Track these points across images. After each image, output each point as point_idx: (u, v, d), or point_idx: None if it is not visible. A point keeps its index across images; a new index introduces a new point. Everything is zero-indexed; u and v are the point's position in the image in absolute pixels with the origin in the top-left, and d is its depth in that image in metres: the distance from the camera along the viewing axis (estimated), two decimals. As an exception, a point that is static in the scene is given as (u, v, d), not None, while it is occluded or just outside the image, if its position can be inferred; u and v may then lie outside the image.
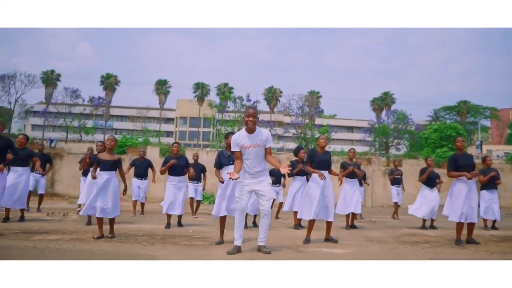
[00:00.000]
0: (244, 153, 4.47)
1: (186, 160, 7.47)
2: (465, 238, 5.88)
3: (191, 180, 8.89)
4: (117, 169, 5.62)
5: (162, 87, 54.18)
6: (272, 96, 51.86)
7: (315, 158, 5.65)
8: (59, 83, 47.94)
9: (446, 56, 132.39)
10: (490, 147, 53.03)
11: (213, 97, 49.44)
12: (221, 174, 5.34)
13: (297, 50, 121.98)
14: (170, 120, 60.94)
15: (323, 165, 5.64)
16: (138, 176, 9.40)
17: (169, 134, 58.77)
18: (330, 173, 5.79)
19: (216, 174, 5.40)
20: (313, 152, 5.76)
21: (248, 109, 4.49)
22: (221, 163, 5.38)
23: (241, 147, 4.46)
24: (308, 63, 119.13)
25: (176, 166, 7.19)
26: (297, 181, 7.77)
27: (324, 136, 5.97)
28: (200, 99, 53.22)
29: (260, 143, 4.47)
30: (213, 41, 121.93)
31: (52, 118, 38.24)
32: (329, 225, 5.74)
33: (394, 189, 10.56)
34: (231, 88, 49.32)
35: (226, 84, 51.04)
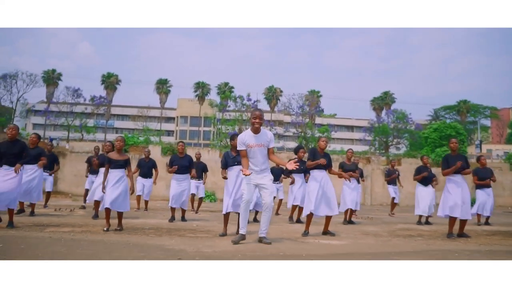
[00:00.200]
0: (250, 152, 4.79)
1: (191, 160, 7.73)
2: (457, 233, 6.17)
3: (193, 178, 9.19)
4: (126, 168, 5.93)
5: (163, 87, 54.42)
6: (273, 96, 52.12)
7: (316, 157, 5.94)
8: (60, 82, 48.28)
9: (446, 56, 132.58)
10: (490, 147, 53.22)
11: (214, 97, 49.65)
12: (228, 176, 5.67)
13: (297, 50, 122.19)
14: (171, 119, 61.16)
15: (322, 165, 5.92)
16: (143, 176, 9.69)
17: (170, 133, 59.03)
18: (330, 173, 6.07)
19: (222, 174, 5.71)
20: (314, 151, 6.06)
21: (255, 111, 4.84)
22: (227, 164, 5.69)
23: (247, 146, 4.78)
24: (308, 63, 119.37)
25: (181, 165, 7.48)
26: (297, 181, 8.08)
27: (325, 138, 6.25)
28: (201, 98, 53.42)
29: (264, 143, 4.81)
30: (213, 41, 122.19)
31: (54, 117, 38.53)
32: (328, 220, 6.03)
33: (391, 188, 10.88)
34: (232, 88, 49.54)
35: (227, 84, 51.25)
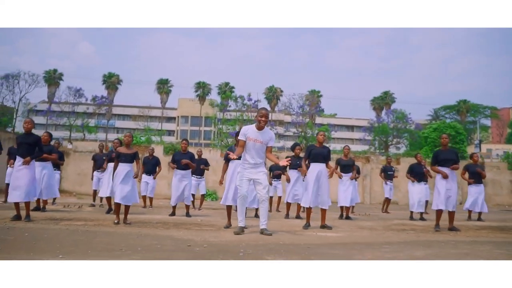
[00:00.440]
0: (247, 144, 5.19)
1: (192, 156, 8.07)
2: (447, 227, 6.53)
3: (194, 175, 9.55)
4: (135, 161, 6.32)
5: (164, 86, 54.70)
6: (273, 95, 52.43)
7: (312, 152, 6.36)
8: (61, 82, 48.64)
9: (446, 56, 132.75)
10: (490, 146, 53.47)
11: (214, 96, 49.97)
12: (228, 169, 6.06)
13: (298, 50, 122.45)
14: (172, 119, 61.50)
15: (319, 158, 6.31)
16: (147, 173, 10.05)
17: (171, 133, 59.37)
18: (327, 167, 6.44)
19: (223, 168, 6.11)
20: (311, 147, 6.48)
21: (262, 110, 5.26)
22: (229, 158, 6.05)
23: (247, 138, 5.18)
24: (309, 63, 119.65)
25: (181, 161, 7.80)
26: (293, 175, 8.44)
27: (323, 132, 6.69)
28: (202, 98, 53.71)
29: (264, 141, 5.21)
30: (214, 41, 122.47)
31: (56, 117, 38.88)
32: (324, 213, 6.39)
33: (386, 185, 11.25)
34: (232, 88, 49.83)
35: (227, 84, 51.54)
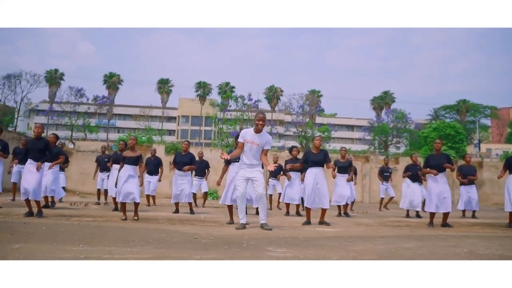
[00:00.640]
0: (246, 146, 5.48)
1: (192, 157, 8.28)
2: (440, 223, 6.82)
3: (196, 176, 9.85)
4: (138, 164, 6.62)
5: (164, 86, 54.96)
6: (273, 95, 52.70)
7: (309, 159, 6.59)
8: (63, 82, 48.96)
9: (446, 56, 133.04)
10: (490, 146, 53.75)
11: (215, 96, 50.24)
12: (228, 170, 6.36)
13: (298, 50, 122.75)
14: (172, 119, 61.78)
15: (317, 164, 6.55)
16: (149, 173, 10.32)
17: (171, 133, 59.69)
18: (328, 167, 6.70)
19: (223, 170, 6.41)
20: (307, 154, 6.68)
21: (259, 114, 5.54)
22: (229, 161, 6.36)
23: (245, 141, 5.48)
24: (309, 63, 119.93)
25: (182, 162, 8.09)
26: (293, 175, 8.73)
27: (319, 137, 6.89)
28: (202, 98, 54.00)
29: (261, 144, 5.49)
30: (214, 41, 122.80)
31: (57, 117, 39.19)
32: (324, 212, 6.68)
33: (383, 186, 11.54)
34: (233, 87, 50.08)
35: (228, 83, 51.79)
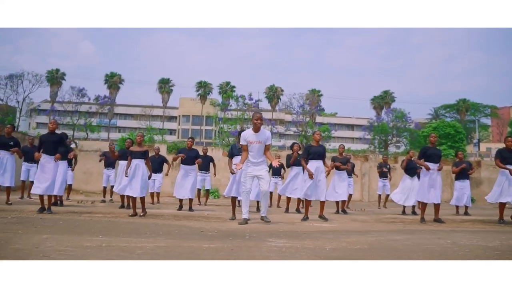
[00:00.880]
0: (250, 147, 5.86)
1: (197, 152, 8.73)
2: (433, 218, 7.17)
3: (200, 170, 10.20)
4: (145, 158, 6.98)
5: (165, 86, 55.28)
6: (274, 95, 53.04)
7: (310, 150, 7.01)
8: (64, 82, 49.35)
9: (447, 55, 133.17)
10: (490, 145, 54.01)
11: (215, 96, 50.54)
12: (233, 163, 6.73)
13: (298, 49, 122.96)
14: (173, 118, 62.12)
15: (317, 156, 6.95)
16: (154, 171, 10.65)
17: (172, 132, 60.03)
18: (324, 164, 7.08)
19: (228, 163, 6.78)
20: (309, 146, 7.14)
21: (256, 114, 5.94)
22: (233, 153, 6.75)
23: (248, 142, 5.84)
24: (309, 62, 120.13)
25: (188, 157, 8.46)
26: (293, 171, 9.07)
27: (319, 132, 7.38)
28: (203, 98, 54.34)
29: (262, 140, 5.87)
30: (215, 40, 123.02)
31: (59, 116, 39.58)
32: (322, 204, 7.04)
33: (381, 182, 11.88)
34: (233, 87, 50.36)
35: (228, 83, 52.10)
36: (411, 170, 9.55)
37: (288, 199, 9.29)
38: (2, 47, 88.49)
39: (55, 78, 49.03)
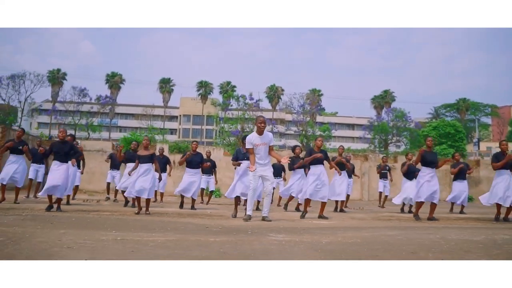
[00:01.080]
0: (256, 149, 6.19)
1: (202, 156, 9.05)
2: (427, 217, 7.43)
3: (204, 173, 10.51)
4: (153, 162, 7.26)
5: (166, 86, 55.63)
6: (274, 94, 53.37)
7: (312, 154, 7.24)
8: (65, 82, 49.67)
9: (447, 55, 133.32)
10: (490, 144, 54.14)
11: (216, 95, 50.85)
12: (239, 166, 7.06)
13: (298, 49, 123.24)
14: (174, 118, 62.43)
15: (318, 161, 7.22)
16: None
17: (173, 132, 60.35)
18: (330, 167, 7.35)
19: (233, 163, 7.09)
20: (311, 150, 7.41)
21: (260, 117, 6.26)
22: (238, 158, 7.06)
23: (254, 145, 6.16)
24: (309, 62, 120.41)
25: (193, 160, 8.76)
26: (297, 174, 9.35)
27: (321, 138, 7.66)
28: (204, 97, 54.65)
29: (266, 142, 6.21)
30: (215, 40, 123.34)
31: (61, 116, 39.89)
32: (323, 205, 7.32)
33: (381, 182, 12.16)
34: (234, 87, 50.68)
35: (229, 83, 52.40)
36: (410, 174, 9.75)
37: (291, 198, 9.54)
38: (3, 47, 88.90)
39: (56, 78, 49.37)
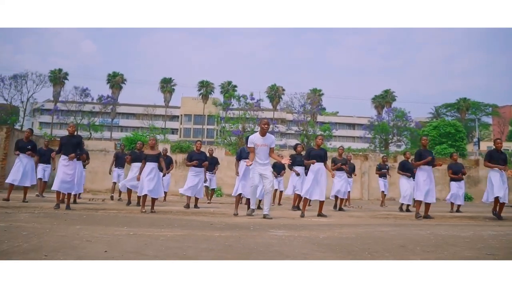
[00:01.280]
0: (256, 149, 6.50)
1: (205, 156, 9.34)
2: (423, 215, 7.71)
3: (207, 171, 10.79)
4: (159, 161, 7.53)
5: (167, 85, 55.95)
6: (275, 94, 53.65)
7: (312, 153, 7.62)
8: (66, 82, 50.00)
9: (448, 54, 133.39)
10: (491, 144, 54.30)
11: (217, 95, 51.13)
12: (239, 166, 7.31)
13: (299, 49, 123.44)
14: (175, 117, 62.74)
15: (317, 159, 7.53)
16: (161, 171, 11.25)
17: (174, 131, 60.68)
18: (325, 166, 7.63)
19: (236, 165, 7.39)
20: (310, 149, 7.76)
21: (264, 119, 6.65)
22: (241, 157, 7.37)
23: (255, 145, 6.48)
24: (310, 61, 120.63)
25: (198, 159, 9.03)
26: (299, 169, 9.59)
27: (321, 137, 7.95)
28: (205, 97, 54.96)
29: (268, 144, 6.53)
30: (216, 40, 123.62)
31: (63, 116, 40.21)
32: (321, 204, 7.60)
33: (381, 181, 12.41)
34: (235, 86, 50.96)
35: (230, 82, 52.70)
36: (409, 171, 9.97)
37: (296, 196, 9.77)
38: (3, 47, 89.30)
39: (58, 78, 49.70)
